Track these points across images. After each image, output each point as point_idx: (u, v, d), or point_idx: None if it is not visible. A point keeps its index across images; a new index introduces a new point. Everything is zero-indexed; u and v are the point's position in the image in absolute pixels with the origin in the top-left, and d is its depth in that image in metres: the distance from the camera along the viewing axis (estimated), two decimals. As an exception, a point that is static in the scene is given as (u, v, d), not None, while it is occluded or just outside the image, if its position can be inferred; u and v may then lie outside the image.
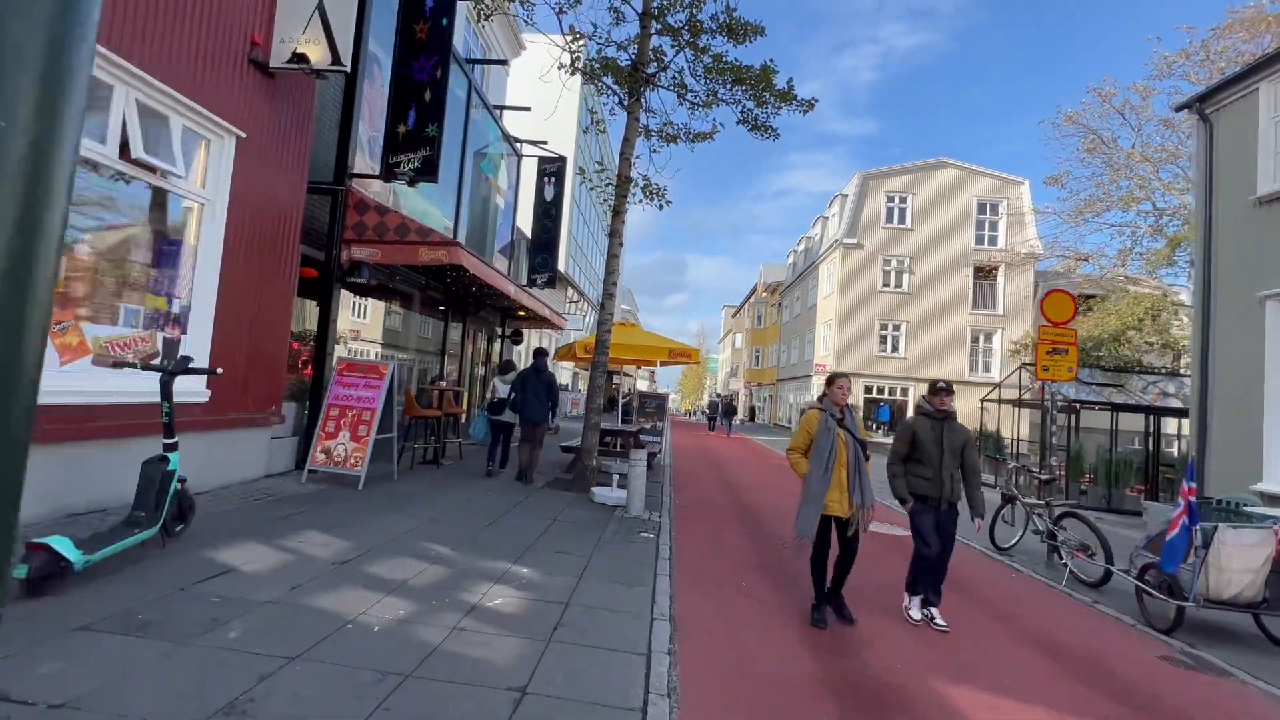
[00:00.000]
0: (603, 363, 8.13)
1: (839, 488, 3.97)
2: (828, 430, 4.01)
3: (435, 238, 7.33)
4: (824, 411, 4.11)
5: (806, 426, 4.13)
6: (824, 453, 3.96)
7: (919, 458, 4.36)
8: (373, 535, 4.79)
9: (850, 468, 3.97)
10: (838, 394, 4.12)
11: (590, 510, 6.72)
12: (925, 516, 4.31)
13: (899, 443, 4.47)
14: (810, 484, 4.00)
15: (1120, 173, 16.50)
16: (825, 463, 3.93)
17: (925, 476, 4.31)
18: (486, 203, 13.77)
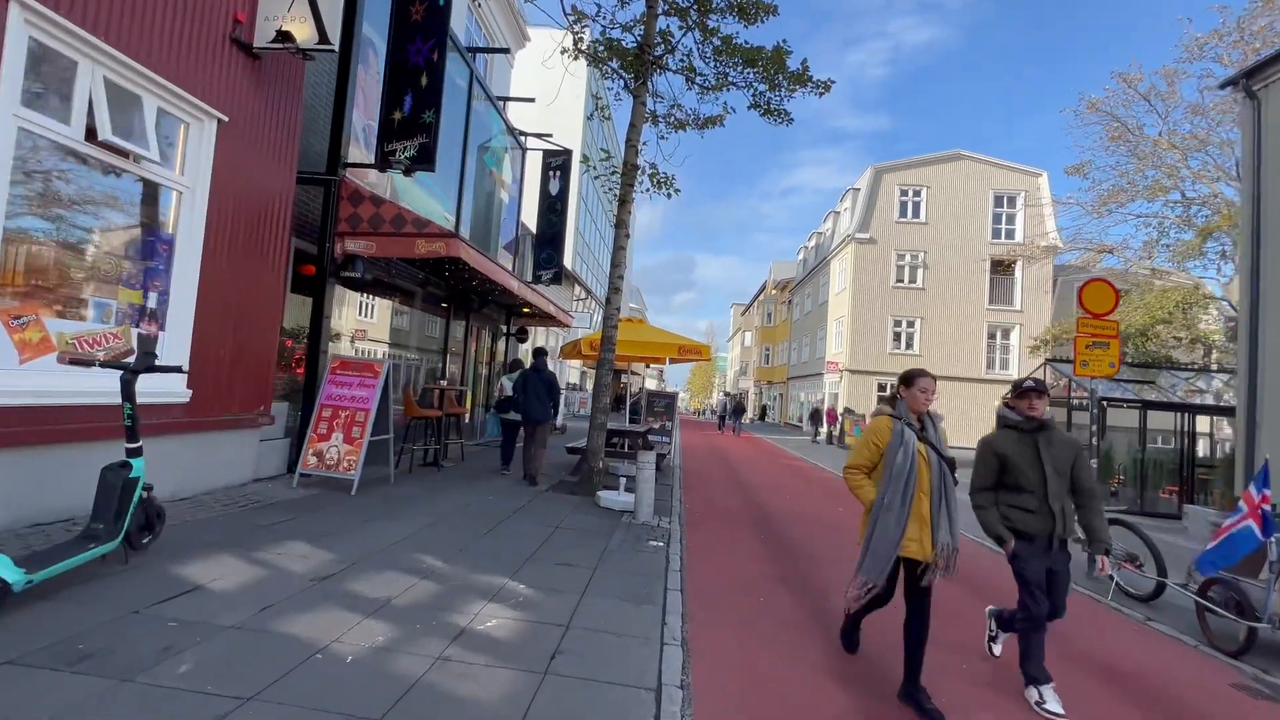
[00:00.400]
0: (609, 360, 7.75)
1: (919, 521, 3.00)
2: (904, 445, 3.02)
3: (433, 229, 6.98)
4: (898, 419, 3.11)
5: (874, 438, 3.17)
6: (901, 475, 2.99)
7: (1014, 483, 3.25)
8: (361, 545, 4.44)
9: (934, 494, 3.00)
10: (918, 398, 3.10)
11: (596, 516, 6.34)
12: (1033, 561, 3.17)
13: (981, 469, 3.37)
14: (880, 516, 3.06)
15: (1146, 161, 15.89)
16: (902, 488, 2.99)
17: (1027, 508, 3.20)
18: (490, 198, 13.43)
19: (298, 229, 7.20)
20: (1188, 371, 12.61)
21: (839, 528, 7.34)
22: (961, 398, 25.06)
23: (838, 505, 9.10)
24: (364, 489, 6.37)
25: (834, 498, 9.86)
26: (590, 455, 7.64)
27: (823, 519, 7.88)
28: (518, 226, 14.69)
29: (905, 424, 3.08)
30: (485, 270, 7.68)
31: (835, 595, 4.53)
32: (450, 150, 10.51)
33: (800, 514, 8.09)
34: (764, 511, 8.02)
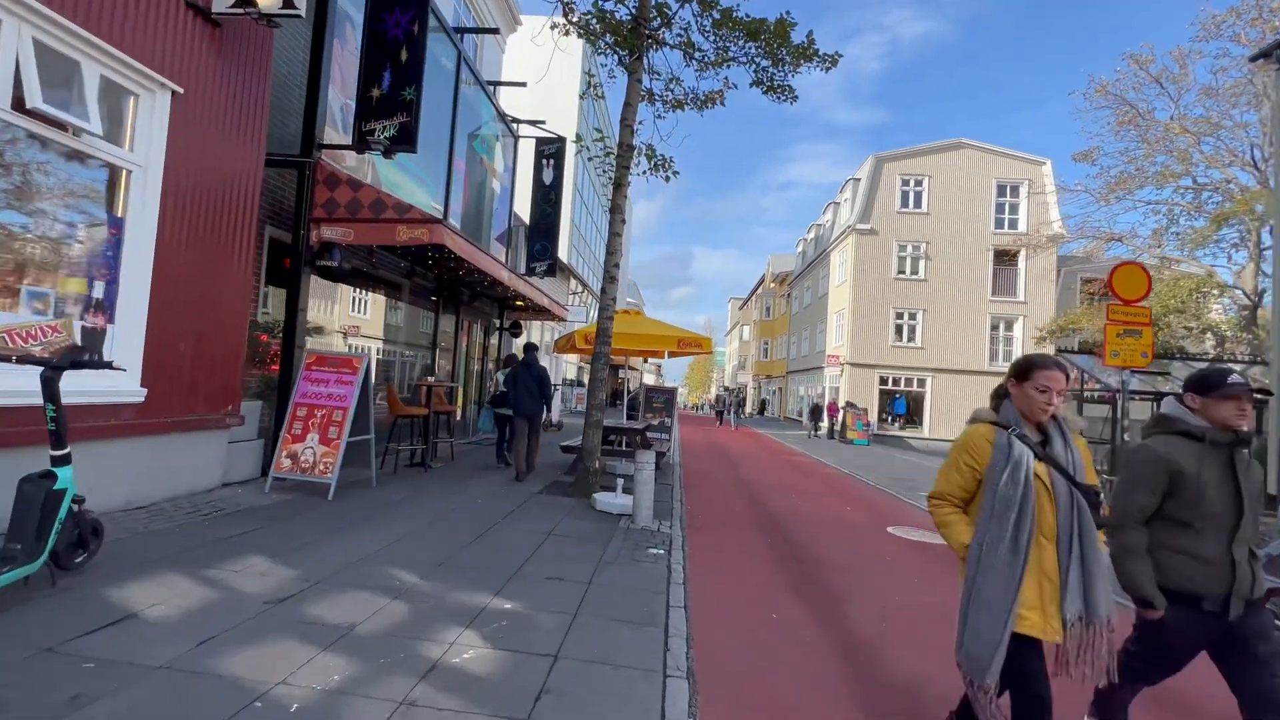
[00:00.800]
0: (605, 353, 7.31)
1: (1040, 580, 2.00)
2: (1014, 465, 2.02)
3: (415, 215, 6.52)
4: (1006, 430, 2.10)
5: (967, 456, 2.16)
6: (1009, 510, 1.99)
7: (1181, 517, 2.20)
8: (330, 559, 4.01)
9: (1064, 540, 1.99)
10: (1034, 400, 2.09)
11: (591, 520, 5.92)
12: (1189, 634, 2.23)
13: (1137, 493, 2.27)
14: (979, 571, 2.04)
15: (1156, 146, 15.46)
16: (1011, 530, 1.99)
17: (1201, 555, 2.17)
18: (482, 187, 12.96)
19: (272, 216, 6.75)
20: (1200, 361, 12.22)
21: (849, 528, 6.93)
22: (964, 390, 24.69)
23: (844, 504, 8.70)
24: (343, 493, 5.94)
25: (840, 496, 9.46)
26: (585, 455, 7.21)
27: (831, 519, 7.47)
28: (510, 217, 14.21)
29: (1015, 435, 2.06)
30: (472, 259, 7.23)
31: (854, 607, 4.12)
32: (437, 135, 10.04)
33: (807, 514, 7.68)
34: (769, 512, 7.60)
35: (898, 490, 10.46)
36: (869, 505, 8.81)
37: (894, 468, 14.71)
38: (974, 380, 24.71)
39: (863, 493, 10.09)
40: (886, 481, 11.66)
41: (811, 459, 15.46)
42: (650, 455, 6.00)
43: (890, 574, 5.19)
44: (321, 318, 7.75)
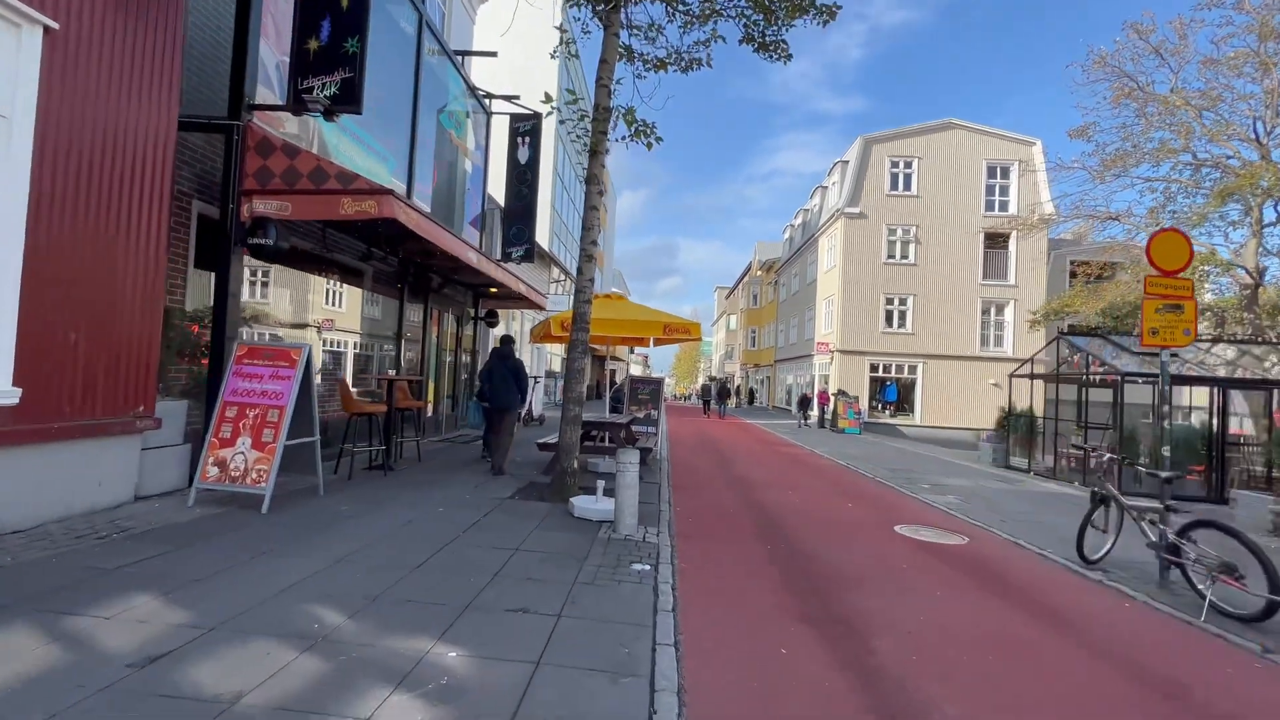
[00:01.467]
0: (582, 341, 6.58)
1: None
2: None
3: (361, 185, 5.71)
4: None
5: None
6: None
7: None
8: (240, 593, 3.26)
9: None
10: None
11: (567, 530, 5.21)
12: None
13: None
14: None
15: (1154, 121, 14.95)
16: None
17: None
18: (453, 167, 12.10)
19: (202, 189, 5.92)
20: (1204, 342, 11.77)
21: (854, 530, 6.30)
22: (955, 377, 24.32)
23: (845, 500, 8.08)
24: (281, 505, 5.17)
25: (839, 491, 8.84)
26: (562, 454, 6.49)
27: (833, 519, 6.83)
28: (484, 199, 13.36)
29: None
30: (432, 236, 6.43)
31: (875, 634, 3.46)
32: (398, 107, 9.18)
33: (807, 513, 7.04)
34: (765, 513, 6.95)
35: (897, 482, 9.89)
36: (870, 501, 8.20)
37: (889, 458, 14.17)
38: (965, 366, 24.33)
39: (862, 486, 9.49)
40: (884, 473, 11.09)
41: (804, 450, 14.88)
42: (633, 455, 5.30)
43: (908, 586, 4.55)
44: (274, 307, 6.92)
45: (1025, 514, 7.81)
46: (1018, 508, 8.26)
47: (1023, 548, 6.01)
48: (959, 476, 11.33)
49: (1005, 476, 11.71)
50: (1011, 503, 8.66)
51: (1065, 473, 11.77)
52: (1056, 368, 12.07)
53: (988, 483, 10.65)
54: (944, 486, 9.85)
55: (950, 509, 7.81)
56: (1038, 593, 4.60)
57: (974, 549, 5.83)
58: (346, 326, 8.42)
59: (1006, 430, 13.41)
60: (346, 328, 8.40)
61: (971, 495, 9.12)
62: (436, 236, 6.59)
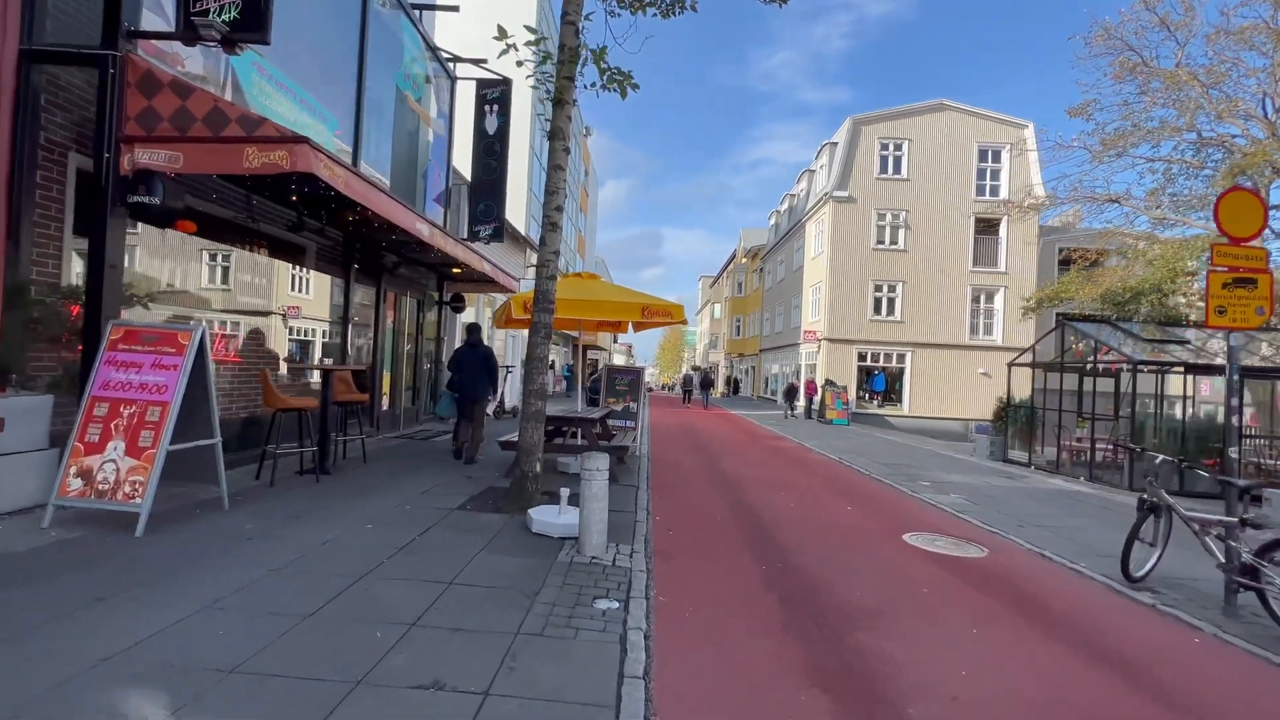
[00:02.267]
0: (545, 323, 5.64)
1: None
2: None
3: (269, 131, 4.67)
4: None
5: None
6: None
7: None
8: (50, 661, 2.31)
9: None
10: None
11: (521, 551, 4.30)
12: None
13: None
14: None
15: (1156, 98, 14.28)
16: None
17: None
18: (413, 137, 11.01)
19: (80, 138, 4.83)
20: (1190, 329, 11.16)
21: (860, 540, 5.47)
22: (944, 366, 23.77)
23: (844, 502, 7.28)
24: (166, 524, 4.19)
25: (837, 491, 8.03)
26: (522, 455, 5.56)
27: (835, 527, 6.00)
28: (449, 174, 12.27)
29: None
30: (363, 198, 5.41)
31: (908, 694, 2.60)
32: (341, 58, 8.09)
33: (804, 519, 6.21)
34: (758, 520, 6.10)
35: (896, 480, 9.12)
36: (871, 503, 7.41)
37: (882, 451, 13.46)
38: (955, 355, 23.80)
39: (859, 485, 8.71)
40: (880, 469, 10.34)
41: (794, 443, 14.12)
42: (601, 461, 4.39)
43: (935, 619, 3.72)
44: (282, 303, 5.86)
45: (1040, 517, 7.07)
46: (1030, 509, 7.53)
47: (1050, 561, 5.23)
48: (959, 472, 10.62)
49: (1007, 472, 11.03)
50: (1022, 503, 7.93)
51: (1069, 467, 11.12)
52: (1061, 355, 11.39)
53: (991, 479, 9.95)
54: (946, 484, 9.12)
55: (959, 511, 7.05)
56: (1089, 625, 3.80)
57: (998, 563, 5.04)
58: (276, 310, 7.36)
59: (1005, 422, 12.75)
60: (275, 310, 7.34)
61: (977, 494, 8.39)
62: (371, 200, 5.57)
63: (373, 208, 5.55)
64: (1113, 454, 10.34)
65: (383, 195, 6.02)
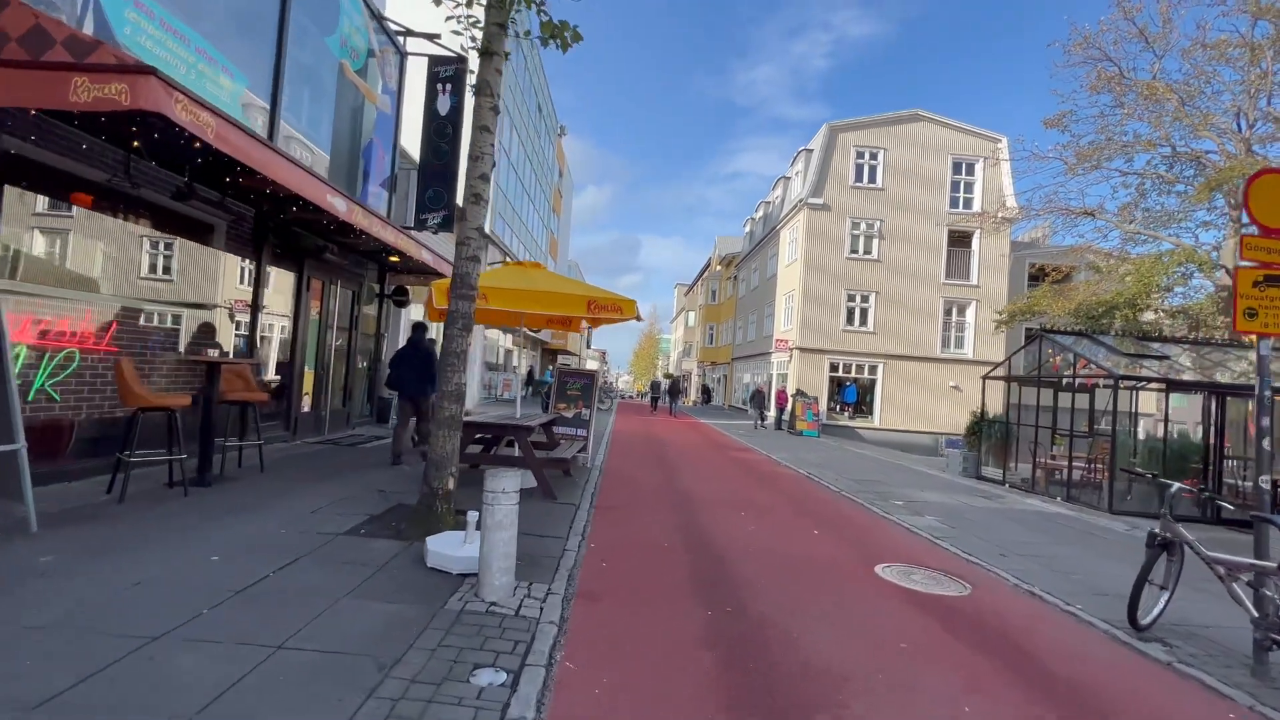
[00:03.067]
0: (464, 313, 4.77)
1: None
2: None
3: (105, 58, 3.71)
4: None
5: None
6: None
7: None
8: None
9: None
10: None
11: (403, 592, 3.40)
12: None
13: None
14: None
15: (1131, 111, 14.09)
16: None
17: None
18: (356, 115, 10.06)
19: None
20: (1209, 345, 10.82)
21: (828, 575, 4.68)
22: (916, 378, 23.46)
23: (811, 525, 6.52)
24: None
25: (803, 510, 7.28)
26: (431, 469, 4.65)
27: (800, 558, 5.22)
28: (395, 157, 11.30)
29: None
30: (244, 155, 4.46)
31: None
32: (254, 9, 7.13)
33: (764, 548, 5.41)
34: (711, 549, 5.28)
35: (867, 498, 8.43)
36: (842, 526, 6.67)
37: (852, 465, 12.82)
38: (926, 368, 23.50)
39: (827, 504, 7.98)
40: (850, 485, 9.65)
41: (760, 455, 13.40)
42: (509, 480, 3.51)
43: (916, 686, 2.95)
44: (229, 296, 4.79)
45: (1023, 544, 6.41)
46: (1011, 534, 6.88)
47: (1043, 601, 4.53)
48: (932, 490, 10.00)
49: (982, 490, 10.46)
50: (1001, 527, 7.29)
51: (1044, 486, 10.61)
52: (1038, 369, 10.91)
53: (966, 499, 9.34)
54: (920, 504, 8.45)
55: (935, 536, 6.35)
56: (1101, 694, 3.06)
57: (983, 605, 4.31)
58: (151, 294, 6.32)
59: (979, 437, 12.23)
60: (152, 296, 6.30)
61: (953, 515, 7.73)
62: (256, 158, 4.62)
63: (259, 168, 4.60)
64: (1092, 474, 9.84)
65: (278, 156, 5.08)
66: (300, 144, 8.30)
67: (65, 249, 5.29)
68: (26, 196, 4.88)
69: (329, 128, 9.06)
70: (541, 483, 6.10)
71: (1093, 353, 9.85)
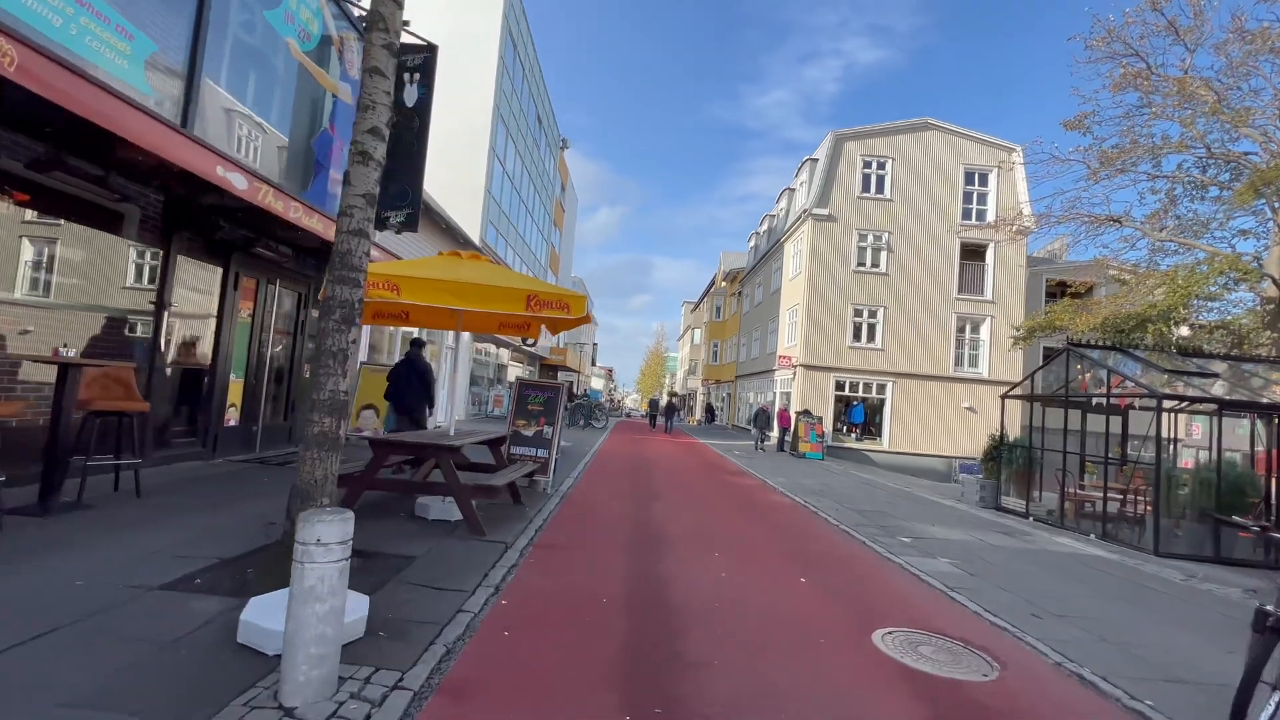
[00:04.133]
0: (344, 300, 3.76)
1: None
2: None
3: None
4: None
5: None
6: None
7: None
8: None
9: None
10: None
11: (178, 685, 2.32)
12: None
13: None
14: None
15: (1160, 110, 13.01)
16: None
17: None
18: (315, 107, 9.25)
19: None
20: (1254, 362, 9.59)
21: (812, 644, 3.54)
22: (927, 398, 22.17)
23: (798, 572, 5.36)
24: None
25: (793, 552, 6.11)
26: (294, 501, 3.60)
27: (778, 619, 4.08)
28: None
29: None
30: (63, 97, 3.51)
31: None
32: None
33: (734, 605, 4.28)
34: (664, 609, 4.16)
35: (869, 533, 7.26)
36: (835, 570, 5.52)
37: (857, 493, 11.60)
38: (937, 387, 22.22)
39: (823, 542, 6.82)
40: (852, 517, 8.47)
41: (756, 479, 12.22)
42: (330, 527, 2.44)
43: None
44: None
45: (1060, 600, 5.22)
46: (1044, 585, 5.69)
47: (1099, 692, 3.35)
48: (946, 524, 8.78)
49: (1003, 525, 9.21)
50: (1030, 574, 6.09)
51: (1074, 519, 9.35)
52: (1064, 387, 9.71)
53: (986, 535, 8.11)
54: (931, 541, 7.26)
55: (950, 587, 5.18)
56: None
57: (1019, 698, 3.15)
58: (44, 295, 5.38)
59: (998, 463, 10.99)
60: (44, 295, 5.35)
61: (972, 558, 6.53)
62: (90, 105, 3.67)
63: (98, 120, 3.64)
64: (1131, 508, 8.58)
65: (138, 113, 4.13)
66: (248, 121, 7.46)
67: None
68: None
69: (273, 112, 8.23)
70: (467, 515, 5.01)
71: (1128, 369, 8.66)
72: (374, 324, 7.15)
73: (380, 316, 6.59)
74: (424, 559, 4.36)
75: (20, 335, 5.19)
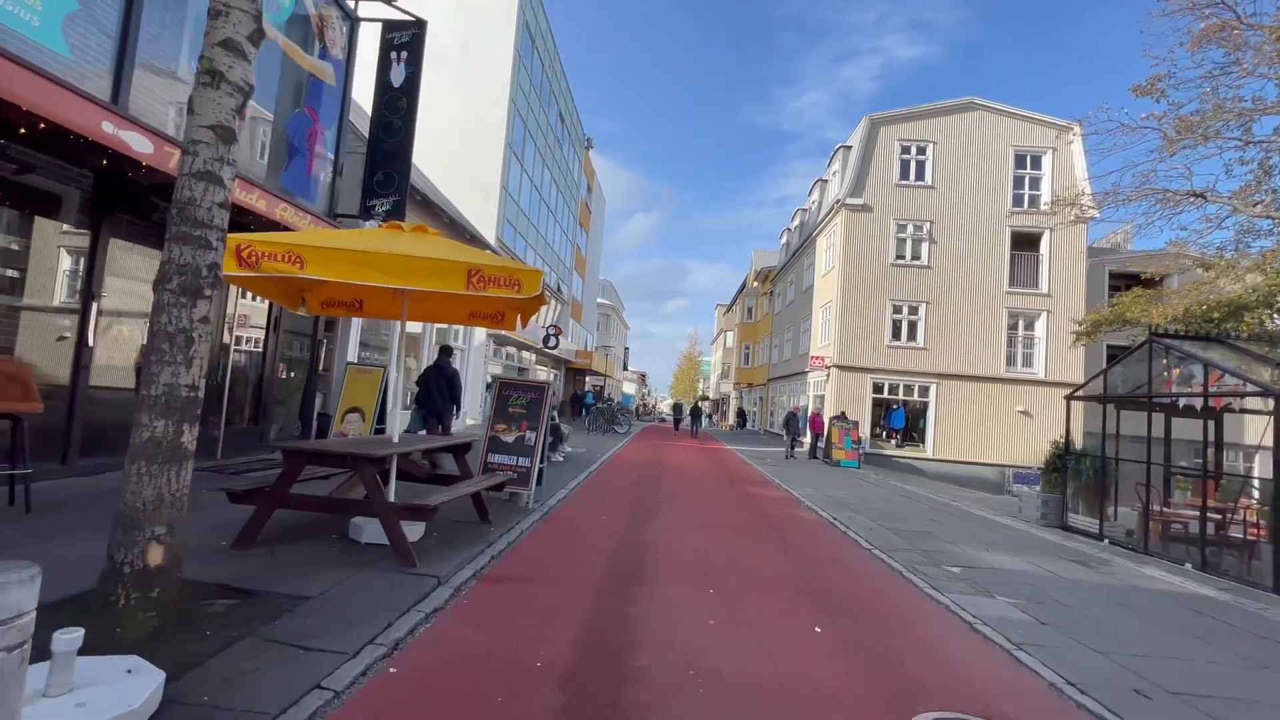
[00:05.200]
0: (184, 263, 2.86)
1: None
2: None
3: None
4: None
5: None
6: None
7: None
8: None
9: None
10: None
11: None
12: None
13: None
14: None
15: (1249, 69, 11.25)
16: None
17: None
18: (296, 92, 8.62)
19: None
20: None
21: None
22: (976, 401, 20.37)
23: (813, 617, 4.21)
24: None
25: (809, 588, 4.95)
26: (118, 531, 2.71)
27: (779, 695, 2.98)
28: (342, 137, 9.76)
29: None
30: None
31: None
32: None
33: (727, 680, 3.19)
34: (625, 689, 3.11)
35: (908, 559, 6.02)
36: (861, 615, 4.35)
37: (897, 508, 10.26)
38: (987, 389, 20.40)
39: (848, 574, 5.63)
40: (886, 537, 7.22)
41: (781, 490, 10.99)
42: (14, 590, 1.49)
43: None
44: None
45: (1172, 664, 3.92)
46: (1139, 640, 4.37)
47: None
48: (1003, 548, 7.42)
49: (1074, 550, 7.75)
50: (1122, 623, 4.76)
51: (1161, 543, 7.84)
52: (1148, 385, 8.19)
53: (1054, 564, 6.74)
54: (986, 572, 5.97)
55: (1015, 642, 3.95)
56: None
57: None
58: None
59: (1062, 475, 9.49)
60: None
61: (1039, 596, 5.23)
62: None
63: None
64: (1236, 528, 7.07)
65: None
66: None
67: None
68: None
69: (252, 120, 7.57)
70: (395, 540, 4.06)
71: (1229, 362, 7.16)
72: (324, 314, 6.33)
73: (330, 305, 5.74)
74: (319, 600, 3.42)
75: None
